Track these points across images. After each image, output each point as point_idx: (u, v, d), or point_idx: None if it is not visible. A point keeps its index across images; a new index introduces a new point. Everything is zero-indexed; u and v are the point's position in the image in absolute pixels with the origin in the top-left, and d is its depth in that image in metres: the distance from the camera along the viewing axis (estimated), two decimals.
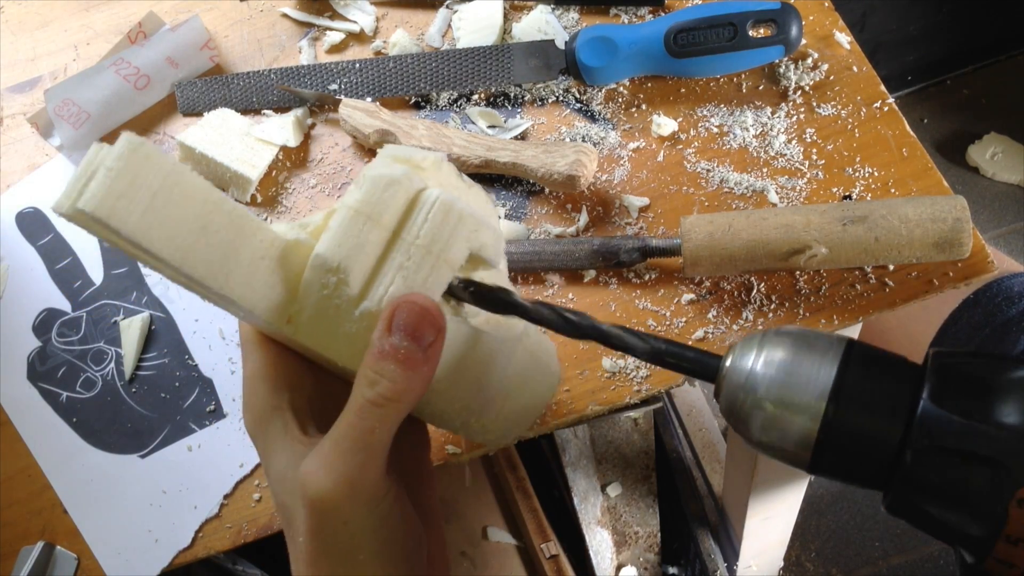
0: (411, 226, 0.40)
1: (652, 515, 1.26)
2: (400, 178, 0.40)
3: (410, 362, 0.38)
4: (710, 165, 0.68)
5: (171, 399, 0.66)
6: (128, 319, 0.68)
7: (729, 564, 1.30)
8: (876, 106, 0.68)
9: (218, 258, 0.38)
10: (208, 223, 0.37)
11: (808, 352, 0.38)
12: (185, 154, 0.71)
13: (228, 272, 0.38)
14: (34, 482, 0.64)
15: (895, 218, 0.58)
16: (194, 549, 0.61)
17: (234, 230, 0.38)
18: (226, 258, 0.38)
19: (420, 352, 0.38)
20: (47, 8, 0.83)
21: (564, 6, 0.76)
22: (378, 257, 0.40)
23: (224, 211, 0.38)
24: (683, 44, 0.67)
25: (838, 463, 0.38)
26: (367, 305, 0.40)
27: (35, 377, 0.68)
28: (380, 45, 0.77)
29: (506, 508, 1.14)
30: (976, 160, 1.72)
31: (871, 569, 1.47)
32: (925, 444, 0.36)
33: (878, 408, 0.37)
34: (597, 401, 0.61)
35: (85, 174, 0.36)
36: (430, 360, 0.39)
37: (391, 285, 0.40)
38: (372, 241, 0.40)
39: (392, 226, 0.40)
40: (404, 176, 0.41)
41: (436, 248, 0.40)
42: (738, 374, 0.39)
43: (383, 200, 0.40)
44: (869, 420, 0.37)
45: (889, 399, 0.37)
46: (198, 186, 0.37)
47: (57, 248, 0.73)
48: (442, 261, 0.41)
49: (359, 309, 0.40)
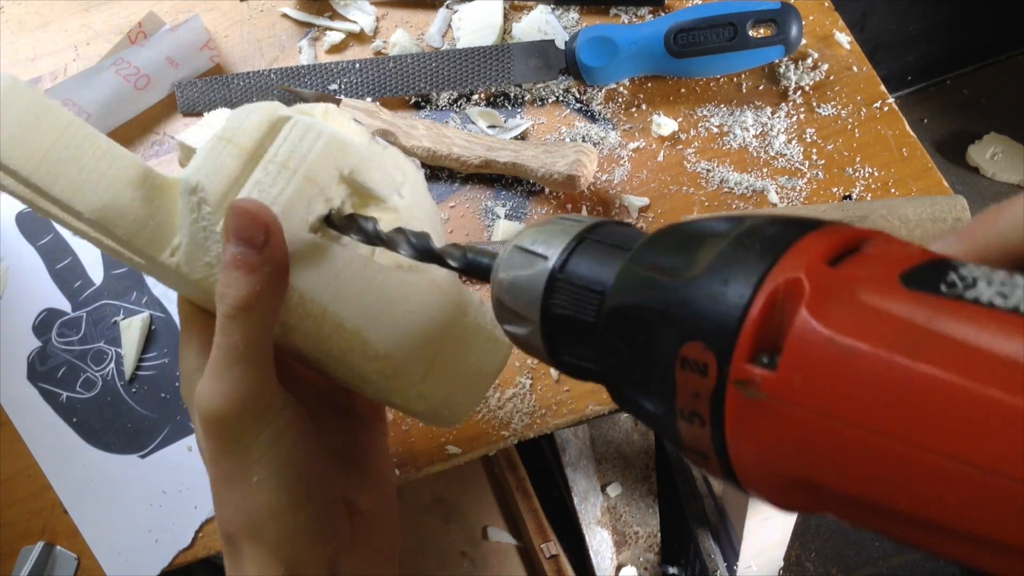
0: (272, 148, 0.41)
1: (652, 515, 1.26)
2: (260, 106, 0.42)
3: (247, 266, 0.38)
4: (710, 165, 0.68)
5: (171, 399, 0.66)
6: (128, 319, 0.68)
7: (729, 564, 1.30)
8: (876, 106, 0.68)
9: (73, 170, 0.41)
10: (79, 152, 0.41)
11: (552, 232, 0.34)
12: (185, 154, 0.71)
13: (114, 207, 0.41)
14: (34, 482, 0.64)
15: (895, 218, 0.58)
16: (194, 549, 0.61)
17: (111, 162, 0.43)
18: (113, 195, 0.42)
19: (255, 254, 0.38)
20: (47, 8, 0.83)
21: (564, 6, 0.76)
22: (235, 177, 0.41)
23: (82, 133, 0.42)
24: (683, 44, 0.67)
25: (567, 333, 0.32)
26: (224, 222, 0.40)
27: (35, 377, 0.68)
28: (380, 45, 0.77)
29: (506, 508, 1.14)
30: (976, 160, 1.72)
31: (871, 569, 1.47)
32: (613, 305, 0.30)
33: (590, 280, 0.31)
34: (597, 401, 0.61)
35: None
36: (269, 260, 0.38)
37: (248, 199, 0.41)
38: (229, 161, 0.41)
39: (250, 148, 0.41)
40: (266, 106, 0.42)
41: (293, 164, 0.41)
42: (496, 262, 0.36)
43: (241, 125, 0.41)
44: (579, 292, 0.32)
45: (601, 269, 0.31)
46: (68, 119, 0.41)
47: (57, 248, 0.73)
48: (301, 177, 0.41)
49: (219, 226, 0.40)
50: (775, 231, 0.26)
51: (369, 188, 0.42)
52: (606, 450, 1.27)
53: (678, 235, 0.29)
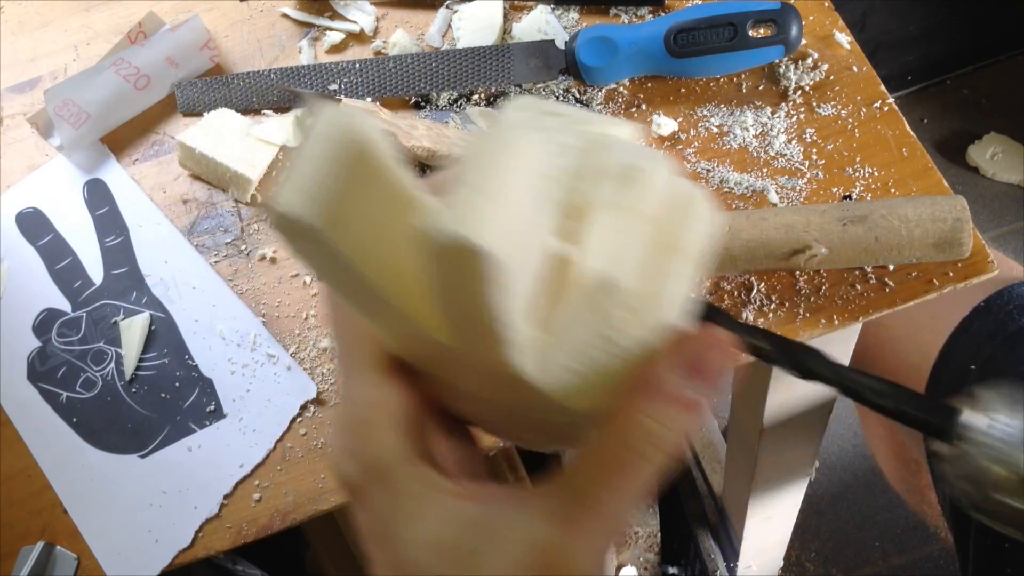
0: (686, 238, 0.31)
1: (652, 515, 1.26)
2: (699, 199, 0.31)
3: (696, 406, 0.30)
4: (710, 165, 0.68)
5: (171, 399, 0.66)
6: (128, 319, 0.68)
7: (729, 564, 1.30)
8: (876, 106, 0.68)
9: None
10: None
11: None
12: (185, 154, 0.71)
13: None
14: (34, 482, 0.64)
15: (895, 218, 0.58)
16: (194, 549, 0.61)
17: None
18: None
19: (707, 395, 0.31)
20: (47, 8, 0.83)
21: (564, 6, 0.76)
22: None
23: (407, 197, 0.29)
24: (683, 44, 0.67)
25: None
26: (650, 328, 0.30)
27: (35, 377, 0.68)
28: (380, 45, 0.77)
29: None
30: (976, 160, 1.72)
31: (871, 569, 1.47)
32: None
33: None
34: None
35: None
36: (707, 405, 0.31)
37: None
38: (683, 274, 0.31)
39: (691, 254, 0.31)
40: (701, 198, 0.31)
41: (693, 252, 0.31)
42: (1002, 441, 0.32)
43: (677, 212, 0.31)
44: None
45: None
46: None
47: (57, 248, 0.73)
48: (694, 266, 0.31)
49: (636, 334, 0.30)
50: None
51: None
52: None
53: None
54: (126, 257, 0.71)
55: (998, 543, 0.63)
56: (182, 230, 0.71)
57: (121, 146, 0.75)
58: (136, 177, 0.74)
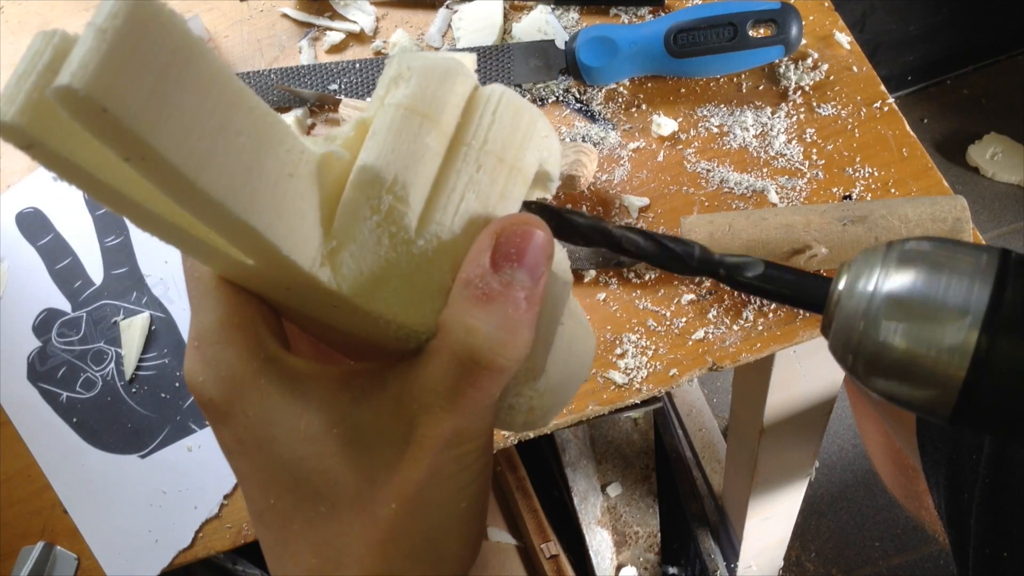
0: (475, 128, 0.31)
1: (652, 515, 1.26)
2: (452, 68, 0.31)
3: (527, 302, 0.29)
4: (710, 165, 0.68)
5: (171, 399, 0.66)
6: (128, 319, 0.68)
7: (729, 564, 1.30)
8: (876, 106, 0.68)
9: (240, 170, 0.27)
10: (227, 121, 0.27)
11: (949, 269, 0.29)
12: None
13: (253, 191, 0.27)
14: (34, 482, 0.64)
15: (895, 218, 0.58)
16: (194, 549, 0.61)
17: (257, 135, 0.28)
18: (248, 171, 0.27)
19: (535, 288, 0.29)
20: (47, 8, 0.83)
21: (564, 6, 0.76)
22: (438, 168, 0.30)
23: (246, 106, 0.27)
24: (683, 44, 0.67)
25: (991, 409, 0.29)
26: (435, 230, 0.30)
27: (35, 377, 0.68)
28: (380, 45, 0.77)
29: (506, 508, 1.14)
30: (976, 160, 1.72)
31: (871, 569, 1.47)
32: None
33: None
34: (597, 401, 0.61)
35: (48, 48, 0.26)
36: (540, 300, 0.30)
37: (461, 203, 0.30)
38: (431, 147, 0.30)
39: (451, 129, 0.31)
40: (457, 67, 0.31)
41: (509, 156, 0.31)
42: (856, 299, 0.31)
43: (439, 95, 0.30)
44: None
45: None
46: (216, 69, 0.26)
47: (57, 248, 0.73)
48: (516, 172, 0.31)
49: (425, 237, 0.30)
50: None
51: (550, 173, 0.34)
52: (606, 450, 1.27)
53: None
54: (126, 257, 0.71)
55: (997, 551, 0.63)
56: None
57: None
58: None
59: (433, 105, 0.30)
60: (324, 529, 0.30)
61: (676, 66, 0.69)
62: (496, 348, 0.28)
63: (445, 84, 0.31)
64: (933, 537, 1.45)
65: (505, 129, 0.31)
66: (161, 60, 0.25)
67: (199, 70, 0.26)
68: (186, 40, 0.25)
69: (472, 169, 0.30)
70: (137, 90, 0.24)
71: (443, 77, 0.31)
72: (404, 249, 0.30)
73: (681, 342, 0.62)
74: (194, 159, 0.26)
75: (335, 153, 0.30)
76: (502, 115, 0.31)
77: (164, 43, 0.25)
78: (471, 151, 0.31)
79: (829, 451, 1.55)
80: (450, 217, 0.30)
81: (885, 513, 1.50)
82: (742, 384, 0.90)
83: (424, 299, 0.30)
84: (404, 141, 0.30)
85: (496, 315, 0.28)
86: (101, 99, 0.23)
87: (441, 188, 0.30)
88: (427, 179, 0.30)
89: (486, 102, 0.31)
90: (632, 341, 0.62)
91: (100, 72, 0.23)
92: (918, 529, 1.47)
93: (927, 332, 0.29)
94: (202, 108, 0.26)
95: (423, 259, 0.30)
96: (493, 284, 0.29)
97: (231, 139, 0.27)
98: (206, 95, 0.26)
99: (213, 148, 0.26)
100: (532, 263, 0.29)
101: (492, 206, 0.31)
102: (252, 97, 0.27)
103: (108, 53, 0.23)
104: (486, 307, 0.29)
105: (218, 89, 0.26)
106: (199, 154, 0.26)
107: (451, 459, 0.30)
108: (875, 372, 0.30)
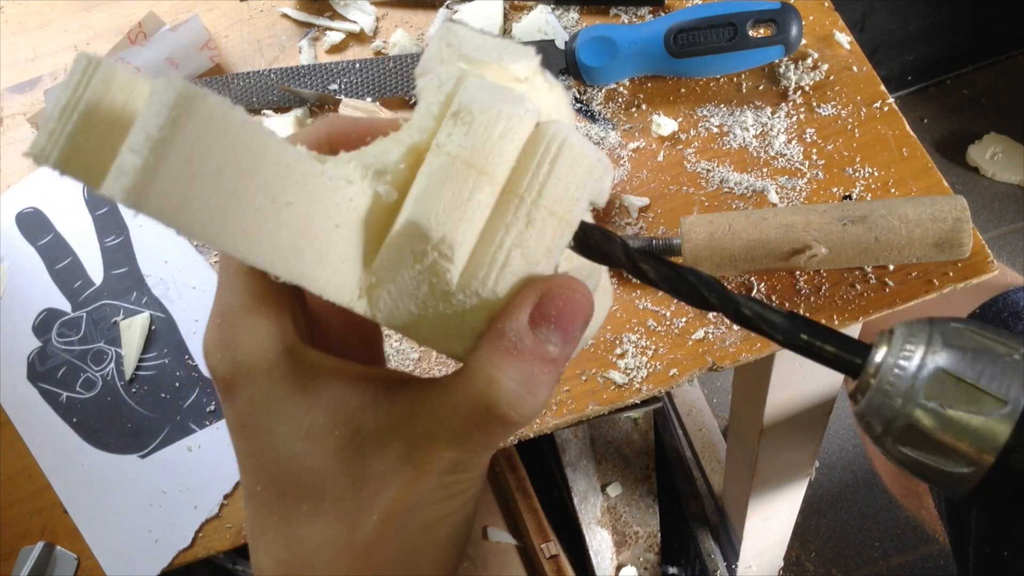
0: (530, 178, 0.30)
1: (652, 515, 1.26)
2: (519, 114, 0.30)
3: (556, 364, 0.30)
4: (710, 165, 0.68)
5: (171, 399, 0.66)
6: (128, 319, 0.68)
7: (729, 564, 1.30)
8: (876, 106, 0.68)
9: (289, 236, 0.28)
10: (279, 194, 0.27)
11: (988, 362, 0.31)
12: None
13: (300, 251, 0.28)
14: (34, 482, 0.64)
15: (895, 218, 0.58)
16: (194, 549, 0.61)
17: (307, 198, 0.28)
18: (298, 236, 0.28)
19: (567, 352, 0.30)
20: (47, 8, 0.83)
21: (564, 6, 0.76)
22: (487, 220, 0.30)
23: (297, 174, 0.28)
24: (683, 44, 0.67)
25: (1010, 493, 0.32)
26: (476, 287, 0.30)
27: (35, 377, 0.68)
28: (380, 45, 0.77)
29: (506, 508, 1.14)
30: (976, 160, 1.72)
31: (871, 569, 1.47)
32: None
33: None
34: (597, 401, 0.61)
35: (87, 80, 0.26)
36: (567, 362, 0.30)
37: (506, 264, 0.30)
38: (482, 202, 0.29)
39: (505, 177, 0.30)
40: (522, 111, 0.30)
41: (561, 208, 0.30)
42: (897, 376, 0.32)
43: (498, 148, 0.30)
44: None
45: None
46: (270, 151, 0.27)
47: (57, 248, 0.73)
48: (566, 225, 0.30)
49: (465, 291, 0.30)
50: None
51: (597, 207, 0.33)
52: (606, 450, 1.27)
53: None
54: (126, 257, 0.71)
55: (997, 551, 0.63)
56: None
57: None
58: None
59: (491, 158, 0.29)
60: (301, 527, 0.31)
61: (676, 66, 0.69)
62: (514, 404, 0.29)
63: (506, 136, 0.30)
64: (933, 537, 1.45)
65: (561, 181, 0.30)
66: (212, 163, 0.25)
67: (251, 158, 0.26)
68: (240, 132, 0.26)
69: (522, 225, 0.30)
70: (194, 199, 0.25)
71: (504, 129, 0.30)
72: (443, 298, 0.30)
73: (681, 342, 0.62)
74: (245, 242, 0.27)
75: (383, 195, 0.30)
76: (559, 166, 0.30)
77: (216, 144, 0.25)
78: (523, 205, 0.30)
79: (829, 451, 1.55)
80: (493, 276, 0.30)
81: (885, 513, 1.50)
82: (742, 384, 0.90)
83: (456, 339, 0.31)
84: (456, 199, 0.29)
85: (521, 371, 0.29)
86: (157, 215, 0.24)
87: (488, 243, 0.30)
88: (474, 236, 0.30)
89: (545, 148, 0.30)
90: (632, 341, 0.62)
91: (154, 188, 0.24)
92: (918, 529, 1.47)
93: (965, 418, 0.31)
94: (259, 190, 0.26)
95: (460, 309, 0.30)
96: (526, 341, 0.29)
97: (281, 211, 0.27)
98: (259, 177, 0.26)
99: (263, 227, 0.27)
100: (568, 327, 0.29)
101: (536, 262, 0.30)
102: (305, 161, 0.28)
103: (162, 165, 0.24)
104: (514, 362, 0.29)
105: (272, 168, 0.27)
106: (250, 236, 0.27)
107: (442, 485, 0.30)
108: (903, 444, 0.32)
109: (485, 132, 0.29)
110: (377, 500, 0.30)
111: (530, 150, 0.30)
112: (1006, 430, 0.30)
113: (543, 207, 0.30)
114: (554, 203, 0.30)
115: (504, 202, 0.30)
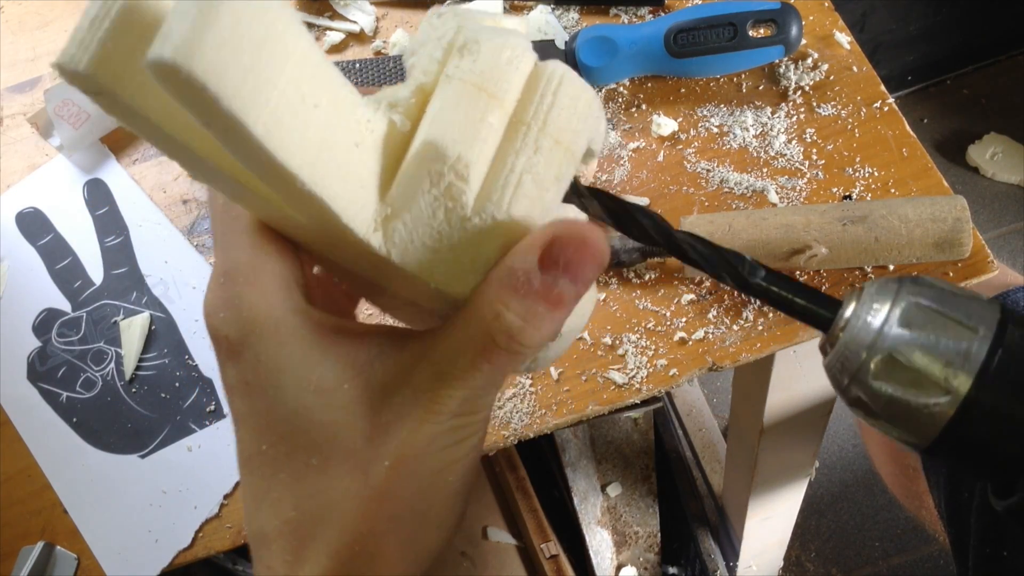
0: (535, 108, 0.31)
1: (652, 515, 1.26)
2: (523, 47, 0.31)
3: (563, 305, 0.29)
4: (710, 165, 0.68)
5: (171, 399, 0.66)
6: (128, 319, 0.68)
7: (729, 564, 1.30)
8: (876, 106, 0.68)
9: (315, 143, 0.27)
10: (307, 93, 0.27)
11: (953, 316, 0.32)
12: None
13: (325, 161, 0.28)
14: (34, 482, 0.64)
15: (895, 218, 0.58)
16: (194, 549, 0.61)
17: (333, 105, 0.28)
18: (323, 143, 0.28)
19: (575, 295, 0.30)
20: (47, 8, 0.83)
21: (564, 6, 0.76)
22: (498, 147, 0.31)
23: (324, 77, 0.28)
24: (683, 44, 0.67)
25: (966, 449, 0.32)
26: (491, 209, 0.30)
27: (35, 377, 0.68)
28: (380, 45, 0.77)
29: (506, 508, 1.14)
30: (976, 160, 1.72)
31: (871, 569, 1.47)
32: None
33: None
34: (597, 401, 0.61)
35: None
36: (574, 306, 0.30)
37: (519, 185, 0.30)
38: (494, 126, 0.30)
39: (513, 107, 0.31)
40: (525, 45, 0.31)
41: (565, 138, 0.31)
42: (862, 331, 0.33)
43: (506, 74, 0.31)
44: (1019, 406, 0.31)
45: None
46: (304, 41, 0.27)
47: (57, 248, 0.73)
48: (569, 155, 0.31)
49: (480, 215, 0.30)
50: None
51: (594, 154, 0.34)
52: (606, 450, 1.27)
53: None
54: (126, 257, 0.71)
55: (997, 551, 0.63)
56: (182, 230, 0.71)
57: (121, 146, 0.75)
58: (136, 177, 0.74)
59: (500, 84, 0.30)
60: (311, 482, 0.31)
61: (676, 66, 0.69)
62: (517, 335, 0.29)
63: (512, 63, 0.31)
64: (933, 537, 1.45)
65: (564, 111, 0.31)
66: (258, 34, 0.24)
67: (289, 42, 0.26)
68: (280, 11, 0.25)
69: (530, 151, 0.30)
70: (236, 68, 0.24)
71: (510, 57, 0.31)
72: (458, 224, 0.30)
73: (681, 342, 0.62)
74: (277, 135, 0.26)
75: (397, 123, 0.31)
76: (562, 97, 0.31)
77: (258, 21, 0.25)
78: (531, 132, 0.30)
79: (829, 451, 1.55)
80: (507, 198, 0.30)
81: (885, 513, 1.50)
82: (742, 384, 0.90)
83: (468, 272, 0.30)
84: (469, 119, 0.30)
85: (527, 307, 0.29)
86: (201, 77, 0.23)
87: (500, 168, 0.30)
88: (487, 158, 0.30)
89: (547, 82, 0.31)
90: (632, 341, 0.62)
91: (202, 49, 0.23)
92: (918, 529, 1.47)
93: (926, 373, 0.32)
94: (290, 82, 0.26)
95: (475, 235, 0.30)
96: (534, 281, 0.29)
97: (310, 112, 0.27)
98: (294, 68, 0.26)
99: (294, 122, 0.26)
100: (578, 275, 0.29)
101: (546, 188, 0.31)
102: (331, 68, 0.28)
103: (210, 28, 0.23)
104: (521, 298, 0.29)
105: (304, 61, 0.26)
106: (282, 129, 0.26)
107: (452, 428, 0.31)
108: (877, 379, 0.32)
109: (493, 58, 0.30)
110: (387, 446, 0.30)
111: (533, 84, 0.31)
112: (981, 351, 0.31)
113: (549, 135, 0.30)
114: (559, 132, 0.31)
115: (513, 129, 0.31)
